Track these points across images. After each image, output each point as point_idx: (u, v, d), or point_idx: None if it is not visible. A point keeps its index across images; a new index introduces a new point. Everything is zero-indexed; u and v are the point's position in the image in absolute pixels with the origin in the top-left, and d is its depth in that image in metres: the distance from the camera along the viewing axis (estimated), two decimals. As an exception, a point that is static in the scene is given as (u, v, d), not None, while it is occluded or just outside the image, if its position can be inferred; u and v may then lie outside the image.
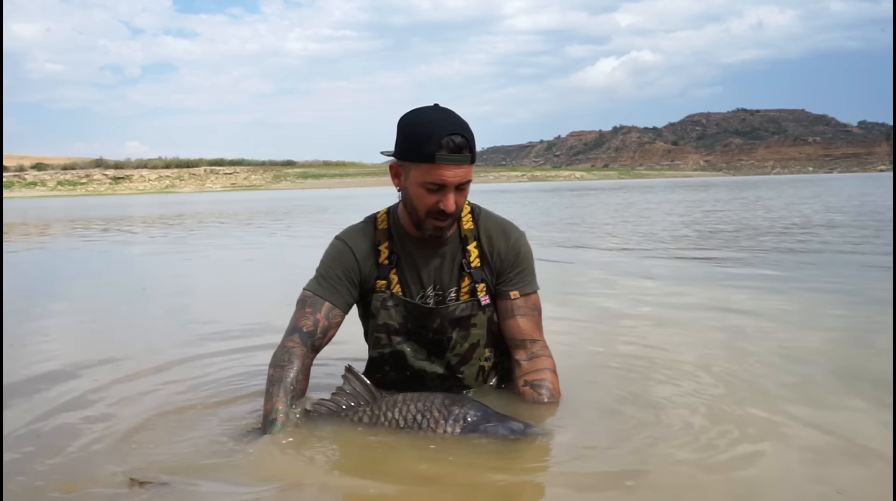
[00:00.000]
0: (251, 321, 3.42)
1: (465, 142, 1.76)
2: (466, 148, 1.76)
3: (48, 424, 1.98)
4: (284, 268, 6.41)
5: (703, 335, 2.94)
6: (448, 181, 1.77)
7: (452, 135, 1.74)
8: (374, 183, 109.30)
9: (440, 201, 1.80)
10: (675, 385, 2.18)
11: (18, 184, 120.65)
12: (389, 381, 1.99)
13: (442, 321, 1.95)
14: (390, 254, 1.96)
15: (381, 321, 1.96)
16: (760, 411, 1.93)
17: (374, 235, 1.98)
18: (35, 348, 3.02)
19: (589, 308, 3.63)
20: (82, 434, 1.87)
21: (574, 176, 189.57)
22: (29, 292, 4.95)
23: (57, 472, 1.63)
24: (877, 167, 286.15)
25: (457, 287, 1.96)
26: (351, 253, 1.96)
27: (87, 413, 2.07)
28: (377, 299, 1.95)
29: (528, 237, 2.05)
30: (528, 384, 1.94)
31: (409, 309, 1.95)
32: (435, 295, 1.96)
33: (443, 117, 1.79)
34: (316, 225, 12.86)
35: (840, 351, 2.68)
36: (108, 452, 1.74)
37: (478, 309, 1.96)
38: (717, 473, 1.55)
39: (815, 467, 1.62)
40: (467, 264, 1.95)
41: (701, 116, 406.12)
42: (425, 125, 1.77)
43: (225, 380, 2.37)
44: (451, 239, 1.96)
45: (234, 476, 1.57)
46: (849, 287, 4.14)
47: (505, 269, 1.98)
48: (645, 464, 1.60)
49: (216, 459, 1.66)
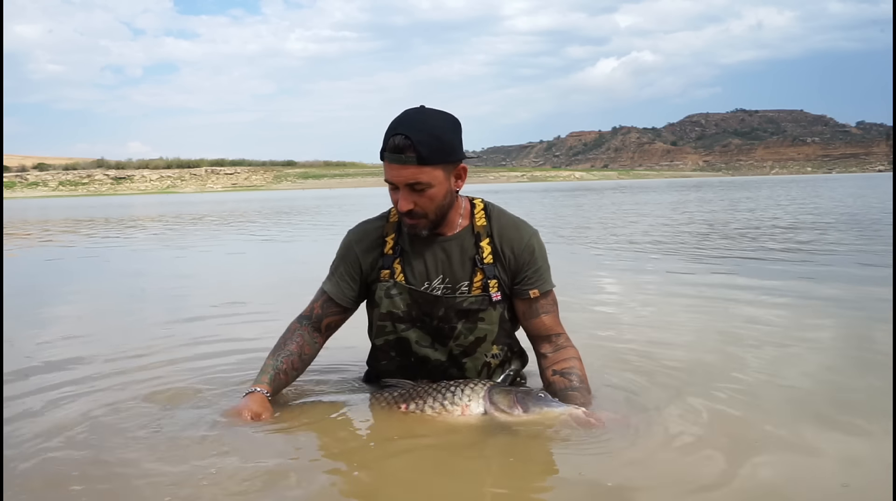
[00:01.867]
0: (251, 320, 3.54)
1: (408, 143, 1.76)
2: (409, 149, 1.76)
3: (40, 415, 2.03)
4: (284, 268, 6.73)
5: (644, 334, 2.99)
6: (392, 180, 1.83)
7: (395, 135, 1.77)
8: (374, 183, 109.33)
9: (397, 199, 1.87)
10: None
11: (20, 184, 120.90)
12: (393, 367, 2.03)
13: (447, 310, 1.95)
14: (394, 245, 1.99)
15: (384, 310, 1.98)
16: (764, 414, 1.94)
17: (384, 227, 2.03)
18: (32, 345, 3.05)
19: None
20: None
21: (574, 176, 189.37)
22: (30, 291, 5.01)
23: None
24: (875, 167, 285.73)
25: (469, 281, 1.96)
26: (353, 249, 2.03)
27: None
28: (381, 289, 1.98)
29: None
30: (556, 372, 1.98)
31: (413, 297, 1.96)
32: (444, 287, 1.97)
33: (402, 118, 1.81)
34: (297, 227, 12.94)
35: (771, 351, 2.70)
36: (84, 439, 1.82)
37: (488, 304, 1.96)
38: (722, 470, 1.57)
39: (818, 462, 1.64)
40: (480, 260, 1.96)
41: (700, 116, 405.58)
42: (391, 124, 1.82)
43: (219, 379, 2.37)
44: (458, 235, 1.98)
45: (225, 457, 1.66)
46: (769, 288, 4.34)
47: (521, 268, 1.98)
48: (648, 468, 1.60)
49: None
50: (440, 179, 1.83)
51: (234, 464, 1.62)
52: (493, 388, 1.83)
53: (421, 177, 1.79)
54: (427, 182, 1.80)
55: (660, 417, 1.89)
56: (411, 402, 1.85)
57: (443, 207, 1.89)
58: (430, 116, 1.82)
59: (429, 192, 1.83)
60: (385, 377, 2.05)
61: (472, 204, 2.02)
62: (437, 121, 1.82)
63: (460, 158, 1.88)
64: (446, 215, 1.93)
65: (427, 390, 1.86)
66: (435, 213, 1.89)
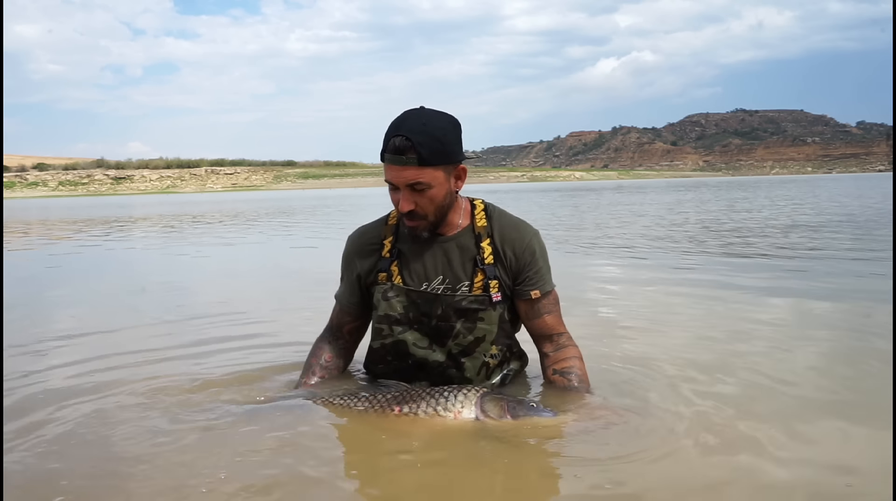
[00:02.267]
0: (252, 321, 3.55)
1: (409, 144, 1.77)
2: (410, 150, 1.77)
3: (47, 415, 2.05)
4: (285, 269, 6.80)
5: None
6: (393, 181, 1.84)
7: (395, 136, 1.79)
8: (374, 183, 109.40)
9: (397, 200, 1.88)
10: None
11: (20, 184, 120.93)
12: (390, 371, 2.04)
13: (447, 308, 1.95)
14: (392, 248, 2.00)
15: (381, 313, 1.99)
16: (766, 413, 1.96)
17: (382, 231, 2.04)
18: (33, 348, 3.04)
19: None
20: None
21: (574, 176, 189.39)
22: (29, 291, 5.02)
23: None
24: (875, 167, 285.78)
25: (469, 282, 1.96)
26: (352, 253, 2.07)
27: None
28: (378, 292, 2.00)
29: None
30: (557, 372, 2.00)
31: (411, 298, 1.96)
32: (444, 287, 1.96)
33: (402, 119, 1.82)
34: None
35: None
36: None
37: (488, 305, 1.95)
38: (725, 468, 1.59)
39: (822, 461, 1.64)
40: (481, 261, 1.96)
41: (700, 116, 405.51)
42: (391, 125, 1.83)
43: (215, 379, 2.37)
44: (458, 235, 1.98)
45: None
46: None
47: (521, 269, 1.98)
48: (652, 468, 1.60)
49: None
50: (440, 180, 1.84)
51: (228, 470, 1.62)
52: (485, 395, 1.82)
53: (422, 178, 1.81)
54: (427, 183, 1.82)
55: (658, 417, 1.90)
56: (405, 405, 1.84)
57: (443, 207, 1.90)
58: (430, 117, 1.83)
59: (429, 192, 1.84)
60: (383, 379, 2.07)
61: (473, 204, 2.02)
62: (438, 122, 1.83)
63: (460, 159, 1.89)
64: (446, 215, 1.94)
65: (421, 393, 1.86)
66: (435, 214, 1.90)
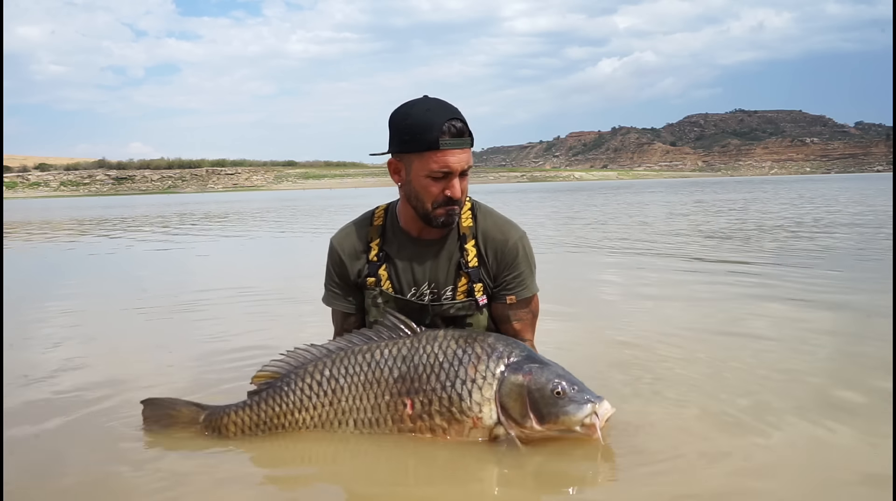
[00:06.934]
0: (251, 323, 3.61)
1: (465, 126, 1.77)
2: (467, 132, 1.77)
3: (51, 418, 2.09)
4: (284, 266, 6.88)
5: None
6: (453, 167, 1.77)
7: (452, 120, 1.75)
8: (374, 183, 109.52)
9: (446, 188, 1.79)
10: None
11: (22, 184, 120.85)
12: None
13: (434, 318, 1.92)
14: (379, 251, 1.94)
15: (372, 318, 1.95)
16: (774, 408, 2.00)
17: (368, 232, 1.98)
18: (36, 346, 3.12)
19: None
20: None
21: (573, 176, 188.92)
22: (29, 291, 5.12)
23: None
24: (874, 168, 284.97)
25: (453, 286, 1.91)
26: (338, 255, 1.99)
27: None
28: (368, 297, 1.96)
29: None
30: None
31: (399, 306, 1.92)
32: (430, 293, 1.92)
33: (438, 105, 1.79)
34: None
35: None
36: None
37: (475, 309, 1.92)
38: (733, 468, 1.61)
39: (819, 461, 1.66)
40: (465, 264, 1.90)
41: (699, 116, 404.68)
42: (423, 115, 1.76)
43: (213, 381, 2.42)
44: (448, 237, 1.93)
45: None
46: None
47: (501, 272, 1.92)
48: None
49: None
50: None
51: (229, 472, 1.66)
52: (504, 381, 1.69)
53: (472, 160, 1.83)
54: (472, 166, 1.83)
55: (659, 417, 1.92)
56: (415, 397, 1.74)
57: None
58: (447, 102, 1.83)
59: (468, 176, 1.84)
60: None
61: None
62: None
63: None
64: None
65: (430, 374, 1.73)
66: (465, 198, 1.89)
